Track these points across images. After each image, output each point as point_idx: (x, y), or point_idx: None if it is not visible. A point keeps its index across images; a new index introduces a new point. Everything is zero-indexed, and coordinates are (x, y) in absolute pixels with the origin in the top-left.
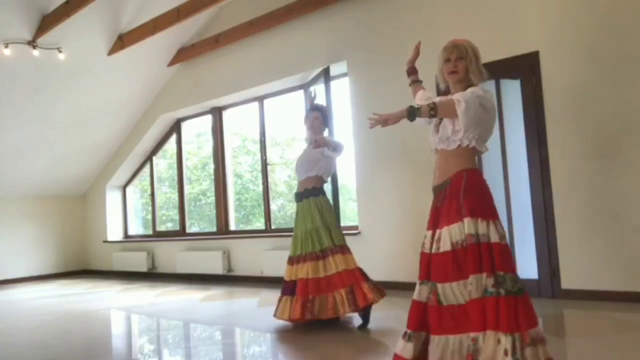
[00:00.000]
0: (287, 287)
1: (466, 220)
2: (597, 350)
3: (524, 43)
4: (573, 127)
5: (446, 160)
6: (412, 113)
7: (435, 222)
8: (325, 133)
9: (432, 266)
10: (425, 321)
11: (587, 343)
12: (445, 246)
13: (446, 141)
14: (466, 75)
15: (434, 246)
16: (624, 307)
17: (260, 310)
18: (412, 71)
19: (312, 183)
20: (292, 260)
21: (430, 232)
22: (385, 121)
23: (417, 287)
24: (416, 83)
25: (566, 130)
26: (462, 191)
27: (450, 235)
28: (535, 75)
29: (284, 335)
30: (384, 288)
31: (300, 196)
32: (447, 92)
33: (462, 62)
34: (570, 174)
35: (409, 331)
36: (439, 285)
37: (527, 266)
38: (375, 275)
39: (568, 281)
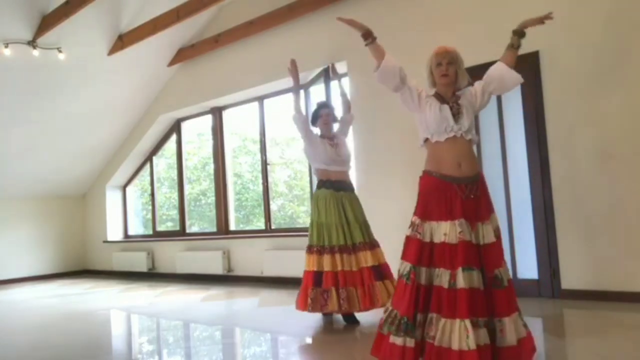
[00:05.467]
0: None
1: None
2: (597, 350)
3: (524, 43)
4: (573, 127)
5: (470, 150)
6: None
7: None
8: (336, 127)
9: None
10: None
11: (587, 343)
12: (492, 238)
13: (469, 132)
14: (456, 78)
15: (482, 237)
16: (624, 307)
17: (260, 310)
18: (369, 33)
19: (348, 176)
20: (347, 249)
21: (463, 221)
22: None
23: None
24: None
25: (566, 131)
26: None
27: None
28: (535, 75)
29: (287, 335)
30: None
31: (347, 185)
32: (435, 94)
33: (452, 67)
34: (570, 174)
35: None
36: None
37: (527, 266)
38: None
39: (568, 281)
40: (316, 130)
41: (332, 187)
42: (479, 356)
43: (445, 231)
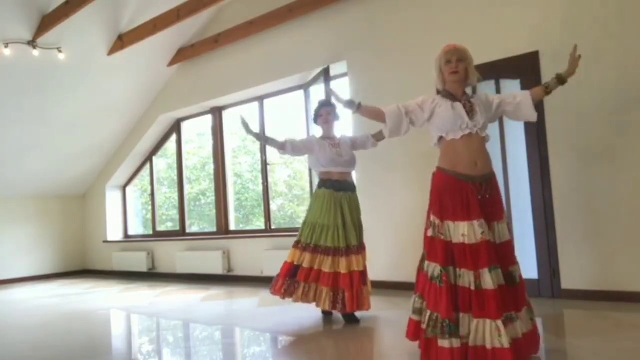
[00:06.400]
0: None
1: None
2: (597, 350)
3: (524, 43)
4: (573, 127)
5: (485, 148)
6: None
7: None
8: (337, 125)
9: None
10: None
11: (587, 343)
12: (507, 236)
13: (483, 129)
14: (465, 76)
15: (498, 236)
16: (624, 307)
17: (260, 310)
18: (353, 104)
19: (350, 176)
20: (342, 251)
21: (483, 222)
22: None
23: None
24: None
25: (566, 130)
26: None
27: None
28: (535, 75)
29: (287, 335)
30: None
31: (349, 186)
32: (445, 93)
33: (462, 64)
34: (570, 174)
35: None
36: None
37: (527, 266)
38: (376, 275)
39: (568, 281)
40: (317, 129)
41: (333, 187)
42: (514, 352)
43: (463, 232)
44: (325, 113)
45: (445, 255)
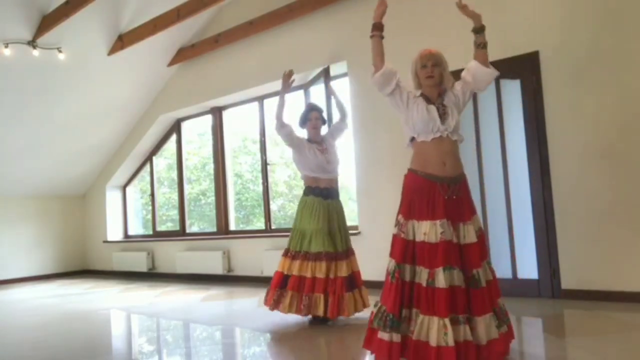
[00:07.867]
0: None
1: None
2: (597, 350)
3: (524, 43)
4: (573, 127)
5: (456, 150)
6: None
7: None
8: (324, 130)
9: (464, 254)
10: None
11: (587, 343)
12: (473, 238)
13: (455, 132)
14: (441, 80)
15: (462, 237)
16: (624, 307)
17: (260, 310)
18: (381, 27)
19: (336, 183)
20: (330, 256)
21: (445, 222)
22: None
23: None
24: (382, 38)
25: (566, 130)
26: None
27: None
28: (535, 75)
29: (285, 335)
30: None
31: (335, 193)
32: (422, 96)
33: (437, 69)
34: (570, 174)
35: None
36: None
37: (527, 266)
38: (375, 275)
39: (568, 281)
40: (303, 132)
41: (321, 195)
42: (457, 352)
43: (424, 230)
44: (314, 118)
45: (402, 252)
